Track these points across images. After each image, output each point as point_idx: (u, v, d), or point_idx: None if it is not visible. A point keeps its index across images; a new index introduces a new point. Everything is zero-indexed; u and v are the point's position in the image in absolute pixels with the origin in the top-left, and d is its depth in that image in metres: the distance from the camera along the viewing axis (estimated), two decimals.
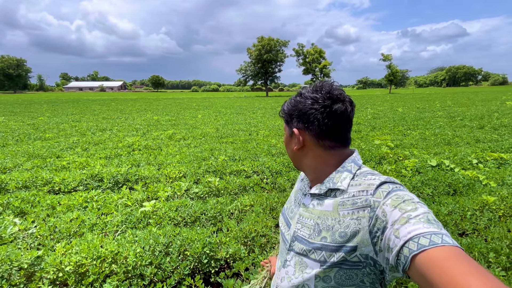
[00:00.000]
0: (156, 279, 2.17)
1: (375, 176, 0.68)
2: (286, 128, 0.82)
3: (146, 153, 5.99)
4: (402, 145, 6.63)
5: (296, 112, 0.75)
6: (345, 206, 0.67)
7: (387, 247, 0.57)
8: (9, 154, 5.77)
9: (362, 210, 0.64)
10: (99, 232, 2.78)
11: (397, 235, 0.53)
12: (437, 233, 0.50)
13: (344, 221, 0.66)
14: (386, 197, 0.61)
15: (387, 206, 0.59)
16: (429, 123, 10.38)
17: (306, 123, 0.73)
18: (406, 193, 0.61)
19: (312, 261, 0.70)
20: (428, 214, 0.54)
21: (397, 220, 0.55)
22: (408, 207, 0.56)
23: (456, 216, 3.00)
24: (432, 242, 0.49)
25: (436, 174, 4.17)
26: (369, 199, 0.63)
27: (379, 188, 0.64)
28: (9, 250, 2.26)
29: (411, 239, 0.51)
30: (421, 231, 0.51)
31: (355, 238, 0.63)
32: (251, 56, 54.25)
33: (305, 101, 0.73)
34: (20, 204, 3.30)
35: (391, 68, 55.52)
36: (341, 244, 0.65)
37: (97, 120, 12.20)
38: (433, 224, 0.52)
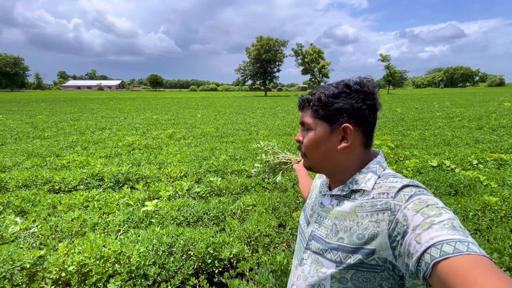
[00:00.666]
0: (160, 279, 2.16)
1: (398, 179, 0.66)
2: (321, 124, 0.72)
3: (147, 152, 5.97)
4: (402, 145, 6.65)
5: (347, 106, 0.69)
6: (364, 207, 0.66)
7: (407, 252, 0.54)
8: (8, 153, 5.72)
9: (382, 213, 0.62)
10: (101, 232, 2.76)
11: (419, 241, 0.51)
12: (463, 241, 0.47)
13: (363, 223, 0.65)
14: (408, 200, 0.59)
15: (409, 210, 0.57)
16: (428, 123, 10.42)
17: (358, 119, 0.69)
18: (430, 197, 0.59)
19: (328, 261, 0.69)
20: (454, 221, 0.52)
21: (419, 225, 0.53)
22: (431, 212, 0.54)
23: (458, 216, 3.01)
24: (456, 249, 0.46)
25: (437, 175, 4.18)
26: (390, 202, 0.62)
27: (401, 191, 0.62)
28: (11, 250, 2.24)
29: (433, 246, 0.49)
30: (445, 238, 0.48)
31: (374, 241, 0.62)
32: (250, 56, 54.24)
33: (357, 95, 0.69)
34: (21, 203, 3.27)
35: (389, 68, 55.71)
36: (359, 246, 0.64)
37: (96, 119, 12.13)
38: (459, 231, 0.50)
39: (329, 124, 0.71)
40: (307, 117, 0.74)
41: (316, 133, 0.73)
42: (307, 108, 0.75)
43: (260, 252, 2.41)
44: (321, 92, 0.71)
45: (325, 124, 0.71)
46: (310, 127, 0.74)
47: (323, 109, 0.71)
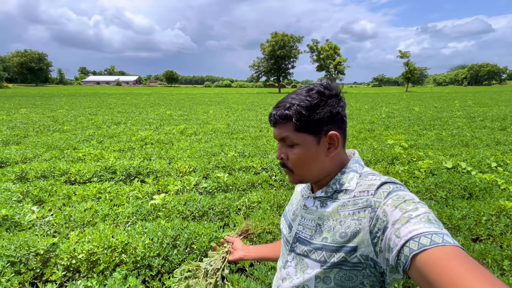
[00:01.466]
0: (164, 270, 2.23)
1: (376, 177, 0.68)
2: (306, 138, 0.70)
3: (158, 147, 6.12)
4: (416, 145, 6.43)
5: (328, 114, 0.68)
6: (346, 206, 0.68)
7: (387, 247, 0.56)
8: (29, 145, 6.04)
9: (363, 211, 0.64)
10: (111, 223, 2.87)
11: (398, 235, 0.53)
12: (438, 233, 0.50)
13: (345, 222, 0.66)
14: (387, 197, 0.61)
15: (388, 206, 0.59)
16: (446, 123, 10.01)
17: (338, 123, 0.71)
18: (406, 193, 0.61)
19: (313, 261, 0.71)
20: (429, 214, 0.54)
21: (398, 220, 0.55)
22: (409, 207, 0.56)
23: (471, 220, 2.90)
24: (433, 241, 0.48)
25: (451, 177, 4.03)
26: (370, 199, 0.63)
27: (380, 188, 0.64)
28: (27, 236, 2.38)
29: (412, 239, 0.50)
30: (422, 231, 0.50)
31: (356, 238, 0.63)
32: (264, 52, 53.96)
33: (332, 101, 0.69)
34: (39, 193, 3.46)
35: (408, 65, 53.76)
36: (342, 245, 0.65)
37: (113, 114, 12.54)
38: (434, 224, 0.52)
39: (314, 135, 0.70)
40: (288, 132, 0.71)
41: (304, 148, 0.71)
42: (285, 124, 0.71)
43: None
44: (298, 106, 0.69)
45: (310, 136, 0.70)
46: (294, 142, 0.71)
47: (306, 122, 0.69)
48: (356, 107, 17.54)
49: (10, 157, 4.91)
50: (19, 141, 6.61)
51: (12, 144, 6.24)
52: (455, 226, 2.82)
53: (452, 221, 2.88)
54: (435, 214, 2.85)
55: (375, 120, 10.95)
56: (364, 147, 6.03)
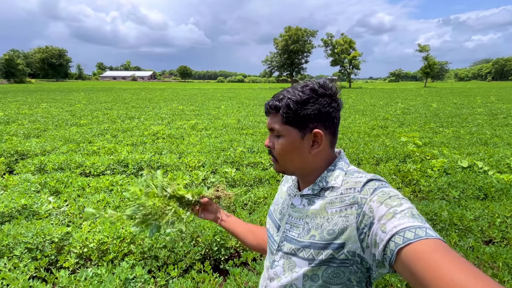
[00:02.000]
0: (169, 262, 2.31)
1: (362, 174, 0.70)
2: (291, 131, 0.71)
3: (169, 142, 6.25)
4: (431, 143, 6.22)
5: (315, 112, 0.69)
6: (333, 204, 0.69)
7: (373, 243, 0.58)
8: (48, 138, 6.33)
9: (350, 207, 0.65)
10: None
11: (384, 230, 0.55)
12: (421, 227, 0.51)
13: (333, 219, 0.67)
14: (373, 193, 0.62)
15: (374, 202, 0.61)
16: (465, 120, 9.60)
17: (327, 122, 0.71)
18: (391, 189, 0.63)
19: (301, 260, 0.71)
20: (412, 209, 0.56)
21: (383, 215, 0.57)
22: (393, 203, 0.58)
23: (484, 222, 2.79)
24: (416, 235, 0.50)
25: (466, 176, 3.88)
26: (356, 196, 0.65)
27: (366, 185, 0.65)
28: (43, 225, 2.52)
29: (397, 233, 0.52)
30: (407, 225, 0.52)
31: (343, 235, 0.64)
32: (278, 47, 53.35)
33: (323, 99, 0.70)
34: (56, 184, 3.63)
35: (428, 59, 51.61)
36: (329, 242, 0.66)
37: (127, 109, 12.87)
38: (417, 218, 0.54)
39: (299, 130, 0.72)
40: (276, 123, 0.74)
41: (288, 140, 0.73)
42: (275, 115, 0.74)
43: None
44: (288, 99, 0.71)
45: (295, 130, 0.72)
46: (280, 133, 0.73)
47: (292, 116, 0.70)
48: (370, 103, 17.11)
49: (30, 150, 5.17)
50: (39, 134, 6.94)
51: (32, 137, 6.56)
52: (466, 227, 2.73)
53: (463, 222, 2.78)
54: (446, 214, 2.78)
55: (389, 116, 10.65)
56: (376, 144, 5.90)
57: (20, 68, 58.95)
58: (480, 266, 2.11)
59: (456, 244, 2.42)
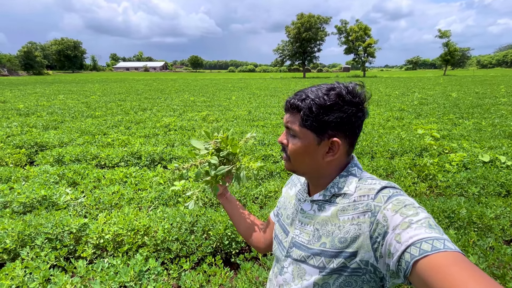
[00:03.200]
0: (181, 254, 2.35)
1: (375, 181, 0.67)
2: (308, 134, 0.68)
3: (181, 134, 6.30)
4: (450, 136, 5.97)
5: (338, 120, 0.65)
6: (346, 211, 0.66)
7: (387, 253, 0.56)
8: (66, 130, 6.53)
9: (363, 215, 0.63)
10: (135, 206, 3.06)
11: (399, 240, 0.53)
12: (439, 239, 0.49)
13: (344, 227, 0.65)
14: (387, 201, 0.60)
15: (388, 210, 0.58)
16: (488, 111, 9.13)
17: (348, 131, 0.67)
18: (406, 198, 0.60)
19: (311, 267, 0.69)
20: (429, 219, 0.54)
21: (398, 225, 0.55)
22: (409, 212, 0.55)
23: (505, 221, 2.67)
24: (434, 247, 0.48)
25: (487, 172, 3.71)
26: (370, 204, 0.62)
27: (380, 193, 0.63)
28: (62, 216, 2.62)
29: (413, 244, 0.50)
30: (423, 236, 0.50)
31: (355, 243, 0.62)
32: (289, 35, 52.15)
33: (349, 108, 0.65)
34: (73, 176, 3.76)
35: (448, 46, 49.10)
36: (341, 250, 0.64)
37: (140, 100, 13.06)
38: (435, 229, 0.52)
39: (317, 135, 0.68)
40: (294, 124, 0.70)
41: (303, 143, 0.70)
42: (295, 114, 0.70)
43: None
44: (312, 101, 0.66)
45: (312, 134, 0.68)
46: (296, 134, 0.70)
47: (313, 120, 0.66)
48: (385, 92, 16.55)
49: (49, 141, 5.35)
50: (56, 126, 7.17)
51: (51, 129, 6.79)
52: (486, 226, 2.63)
53: (483, 220, 2.67)
54: (464, 211, 2.67)
55: (405, 107, 10.28)
56: (391, 137, 5.73)
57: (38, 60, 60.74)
58: (501, 267, 2.03)
59: (475, 244, 2.33)
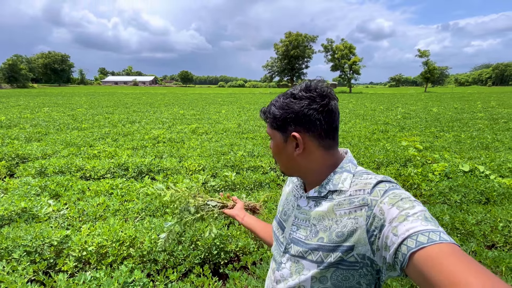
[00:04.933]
0: (168, 265, 2.29)
1: (371, 176, 0.68)
2: (276, 134, 0.75)
3: (170, 146, 6.25)
4: (432, 147, 6.21)
5: (292, 115, 0.70)
6: (342, 206, 0.67)
7: (384, 245, 0.56)
8: (50, 142, 6.35)
9: (359, 209, 0.63)
10: (121, 218, 2.97)
11: (395, 233, 0.53)
12: (435, 231, 0.50)
13: (342, 221, 0.66)
14: (384, 195, 0.61)
15: (385, 204, 0.59)
16: (466, 125, 9.59)
17: (306, 124, 0.69)
18: (402, 191, 0.61)
19: (309, 262, 0.70)
20: (425, 212, 0.54)
21: (395, 218, 0.55)
22: (405, 205, 0.56)
23: (486, 226, 2.77)
24: (430, 239, 0.49)
25: (468, 181, 3.86)
26: (366, 198, 0.63)
27: (376, 187, 0.64)
28: (42, 228, 2.51)
29: (409, 237, 0.51)
30: (419, 229, 0.50)
31: (352, 237, 0.63)
32: (278, 52, 53.78)
33: (300, 102, 0.69)
34: (56, 187, 3.63)
35: (428, 65, 51.88)
36: (338, 244, 0.65)
37: (128, 113, 12.93)
38: (431, 222, 0.52)
39: (282, 134, 0.74)
40: (267, 128, 0.79)
41: (274, 143, 0.78)
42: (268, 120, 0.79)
43: (264, 248, 2.43)
44: (272, 105, 0.75)
45: (279, 134, 0.75)
46: (270, 137, 0.79)
47: (274, 120, 0.74)
48: (370, 107, 17.13)
49: (31, 153, 5.18)
50: (40, 138, 6.96)
51: (34, 141, 6.58)
52: (468, 231, 2.71)
53: (465, 226, 2.76)
54: (447, 218, 2.76)
55: (389, 121, 10.66)
56: (377, 149, 5.89)
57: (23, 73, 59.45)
58: None
59: None
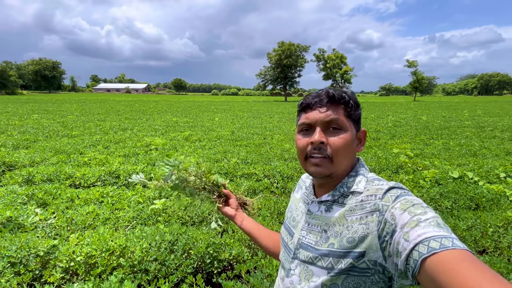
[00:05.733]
0: (160, 275, 2.22)
1: (382, 182, 0.68)
2: (352, 126, 0.72)
3: (162, 153, 6.18)
4: (422, 154, 6.33)
5: (360, 114, 0.75)
6: (354, 211, 0.67)
7: (395, 252, 0.55)
8: (38, 149, 6.19)
9: (371, 215, 0.63)
10: (111, 226, 2.90)
11: (407, 238, 0.52)
12: (448, 237, 0.49)
13: (353, 227, 0.65)
14: (395, 201, 0.61)
15: (396, 209, 0.59)
16: (454, 132, 9.84)
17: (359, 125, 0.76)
18: (414, 198, 0.61)
19: (319, 269, 0.68)
20: (438, 218, 0.54)
21: (406, 223, 0.55)
22: (417, 211, 0.56)
23: (477, 232, 2.81)
24: (442, 245, 0.48)
25: (457, 187, 3.93)
26: (378, 203, 0.63)
27: (388, 193, 0.64)
28: (28, 238, 2.42)
29: (421, 242, 0.50)
30: (432, 234, 0.50)
31: (363, 243, 0.62)
32: (271, 61, 54.50)
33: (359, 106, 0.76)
34: (43, 196, 3.52)
35: (416, 74, 53.48)
36: (349, 250, 0.64)
37: (120, 120, 12.78)
38: (443, 228, 0.51)
39: (355, 127, 0.74)
40: (339, 115, 0.70)
41: (350, 134, 0.71)
42: (336, 106, 0.70)
43: (259, 256, 2.40)
44: (351, 94, 0.73)
45: (353, 126, 0.73)
46: (343, 126, 0.70)
47: (355, 110, 0.73)
48: (362, 115, 17.39)
49: (18, 161, 5.04)
50: (28, 145, 6.79)
51: (21, 148, 6.41)
52: (459, 237, 2.74)
53: (457, 232, 2.80)
54: None
55: (381, 128, 10.85)
56: (369, 156, 5.97)
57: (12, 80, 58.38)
58: None
59: None
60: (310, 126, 0.72)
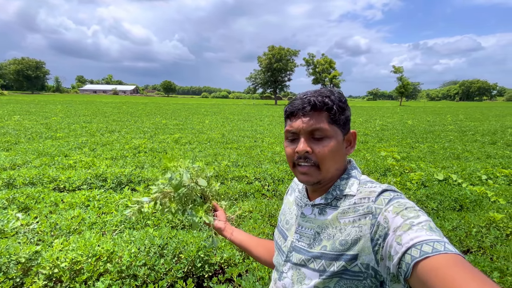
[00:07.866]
0: (149, 280, 2.17)
1: (375, 184, 0.68)
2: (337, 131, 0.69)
3: (151, 156, 6.07)
4: (409, 157, 6.50)
5: (348, 115, 0.73)
6: (346, 214, 0.67)
7: (388, 255, 0.55)
8: (20, 152, 5.95)
9: (364, 218, 0.63)
10: (98, 231, 2.81)
11: (399, 242, 0.52)
12: (440, 241, 0.49)
13: (346, 229, 0.65)
14: (388, 204, 0.61)
15: (389, 212, 0.58)
16: (438, 136, 10.17)
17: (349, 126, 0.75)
18: (407, 201, 0.61)
19: (311, 271, 0.68)
20: (430, 222, 0.54)
21: (399, 227, 0.54)
22: (410, 214, 0.56)
23: (461, 232, 2.90)
24: (435, 249, 0.48)
25: (442, 189, 4.05)
26: (371, 206, 0.63)
27: (381, 196, 0.64)
28: (9, 244, 2.30)
29: (413, 246, 0.50)
30: (424, 238, 0.50)
31: (356, 246, 0.62)
32: (261, 65, 54.84)
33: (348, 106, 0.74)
34: (25, 200, 3.38)
35: (402, 80, 55.11)
36: (341, 253, 0.64)
37: (107, 122, 12.48)
38: (435, 232, 0.52)
39: (341, 131, 0.71)
40: (322, 123, 0.68)
41: (336, 141, 0.69)
42: (318, 113, 0.68)
43: (250, 259, 2.38)
44: (335, 97, 0.70)
45: (339, 130, 0.70)
46: (327, 134, 0.68)
47: (339, 116, 0.69)
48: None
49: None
50: (9, 147, 6.51)
51: (1, 151, 6.14)
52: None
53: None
54: None
55: (369, 132, 11.08)
56: (357, 159, 6.07)
57: None
58: None
59: None
60: (295, 135, 0.71)
